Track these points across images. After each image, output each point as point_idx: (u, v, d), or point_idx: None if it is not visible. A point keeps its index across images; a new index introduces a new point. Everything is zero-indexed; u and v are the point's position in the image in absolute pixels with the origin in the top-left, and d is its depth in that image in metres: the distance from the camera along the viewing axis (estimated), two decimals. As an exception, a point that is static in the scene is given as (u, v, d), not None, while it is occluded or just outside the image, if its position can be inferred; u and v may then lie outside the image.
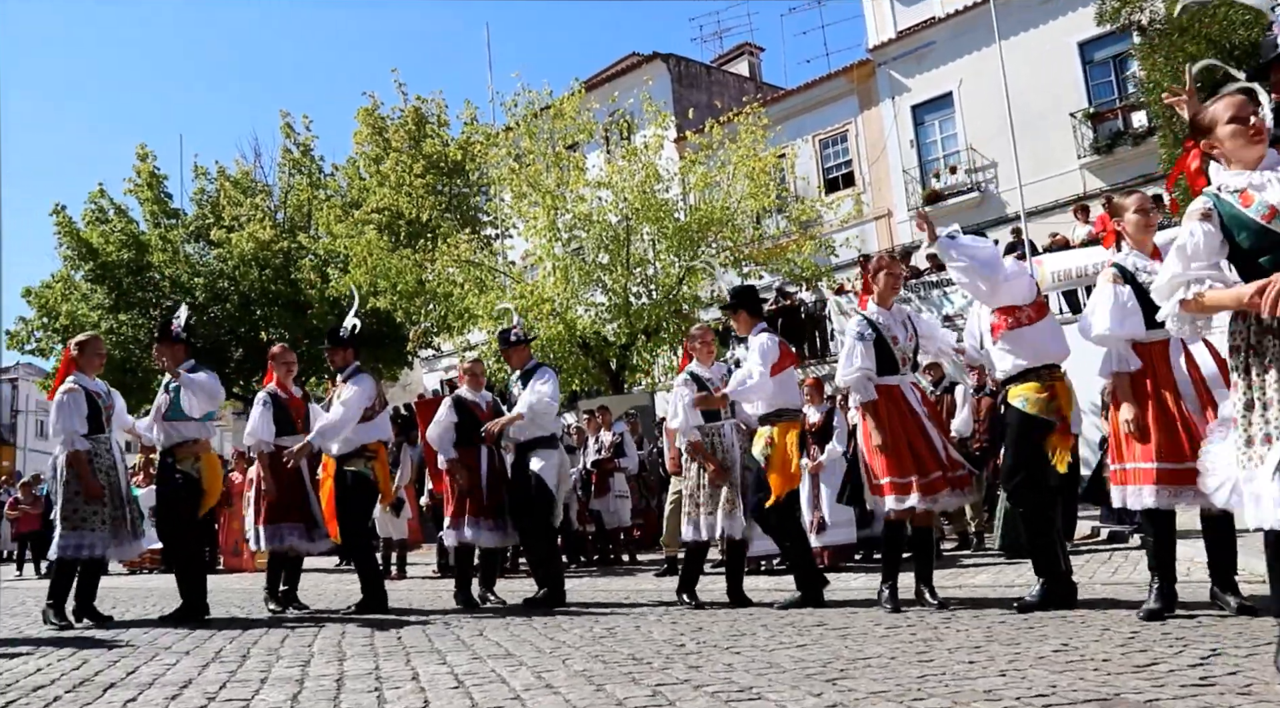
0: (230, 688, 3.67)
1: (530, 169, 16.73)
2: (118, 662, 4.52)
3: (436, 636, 5.15)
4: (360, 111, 22.90)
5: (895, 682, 3.21)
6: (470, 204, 22.69)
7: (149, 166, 24.87)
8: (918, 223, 5.90)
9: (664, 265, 16.49)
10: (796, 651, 4.07)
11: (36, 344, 24.01)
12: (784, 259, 17.16)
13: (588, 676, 3.62)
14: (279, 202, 25.08)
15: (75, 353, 6.70)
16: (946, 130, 23.14)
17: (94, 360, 6.71)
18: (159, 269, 23.48)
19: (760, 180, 16.47)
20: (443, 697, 3.30)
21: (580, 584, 9.22)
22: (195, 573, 6.70)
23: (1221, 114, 3.41)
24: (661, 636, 4.81)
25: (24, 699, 3.59)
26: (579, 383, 17.33)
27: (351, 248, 19.27)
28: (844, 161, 24.70)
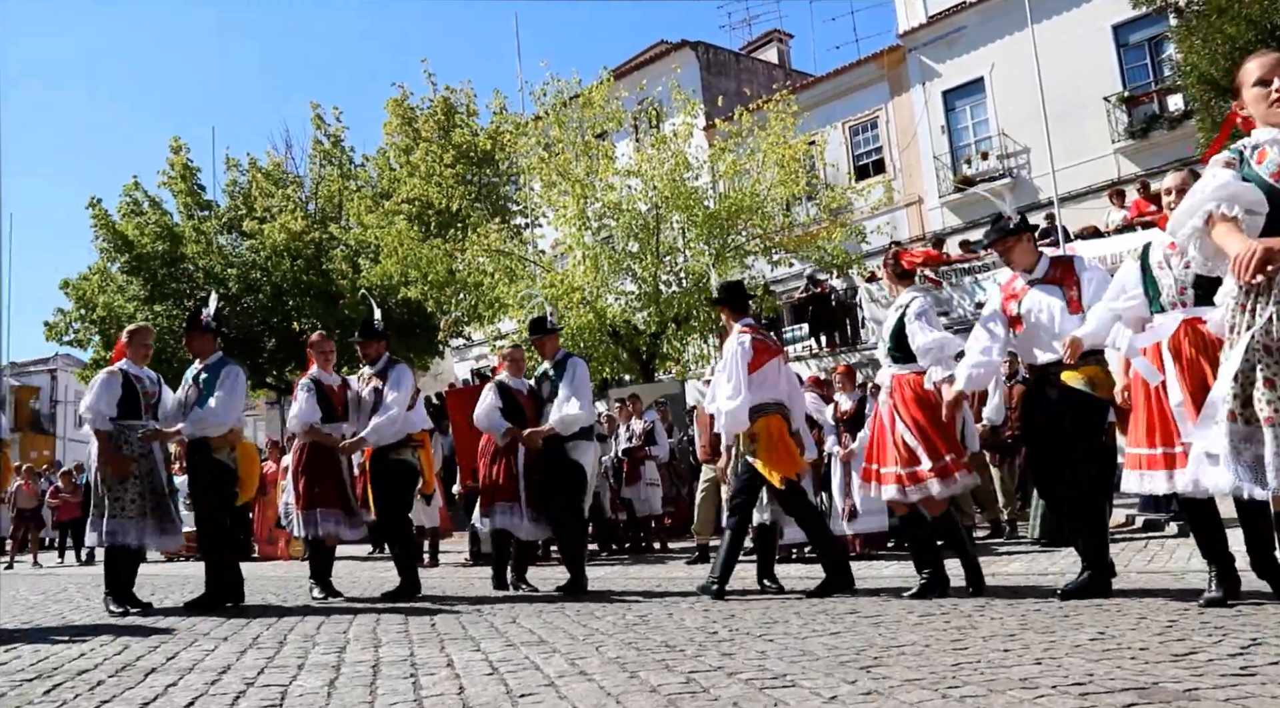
0: (268, 673, 3.71)
1: (559, 158, 16.74)
2: (158, 647, 4.58)
3: (470, 623, 5.18)
4: (390, 102, 22.99)
5: (929, 670, 3.20)
6: (500, 193, 22.74)
7: (182, 159, 25.10)
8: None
9: (694, 254, 16.46)
10: (830, 638, 4.06)
11: (74, 335, 24.32)
12: (814, 247, 17.09)
13: (621, 663, 3.63)
14: (310, 193, 25.24)
15: (125, 340, 6.83)
16: (978, 116, 22.93)
17: (140, 349, 6.77)
18: (193, 260, 23.70)
19: (790, 168, 16.39)
20: (477, 683, 3.32)
21: (612, 572, 9.25)
22: (225, 561, 6.76)
23: (1249, 75, 3.39)
24: (694, 623, 4.82)
25: (69, 683, 3.65)
26: (609, 371, 17.35)
27: (382, 238, 19.36)
28: (874, 148, 24.54)
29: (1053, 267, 5.38)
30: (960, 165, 22.90)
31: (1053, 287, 5.26)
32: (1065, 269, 5.33)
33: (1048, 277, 5.32)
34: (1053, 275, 5.31)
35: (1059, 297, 5.20)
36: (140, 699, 3.26)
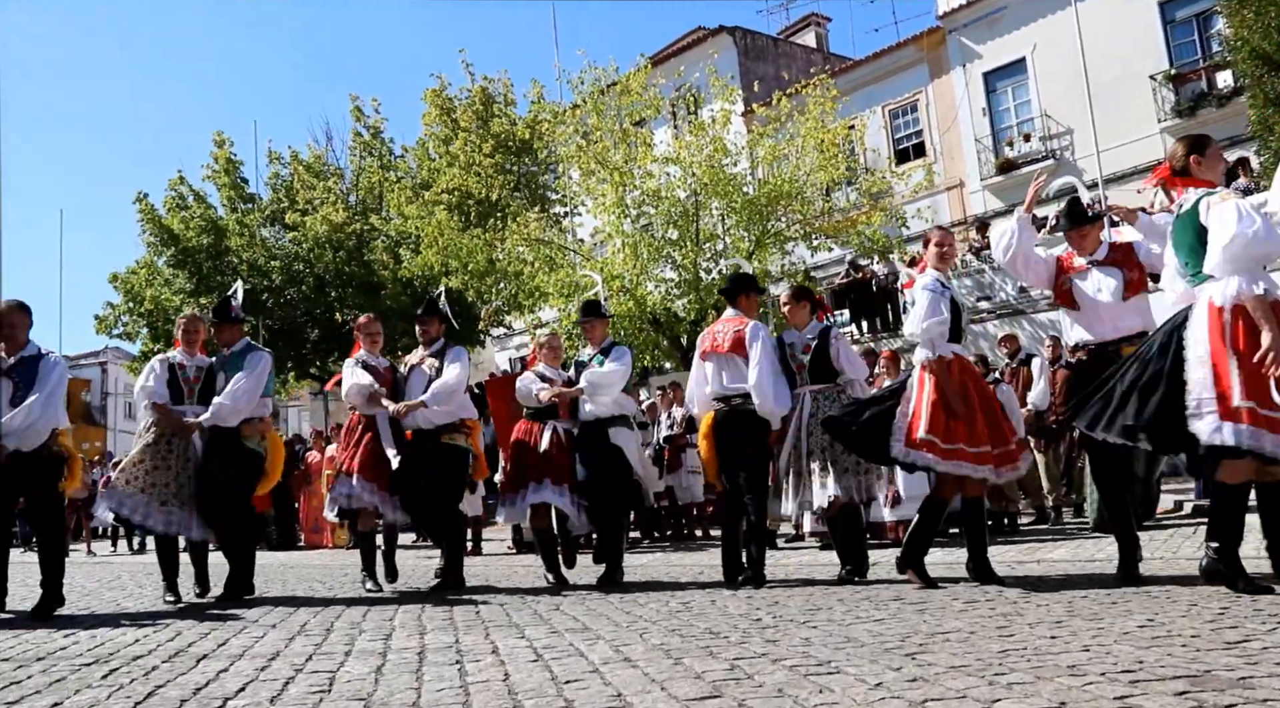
0: (316, 660, 3.76)
1: (598, 146, 16.74)
2: (208, 634, 4.67)
3: (514, 610, 5.22)
4: (428, 93, 23.08)
5: (975, 656, 3.18)
6: (539, 182, 22.78)
7: (225, 153, 25.38)
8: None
9: (734, 240, 16.41)
10: (874, 625, 4.05)
11: (123, 328, 24.69)
12: (855, 232, 16.98)
13: (665, 649, 3.64)
14: (351, 184, 25.43)
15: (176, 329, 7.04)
16: (1020, 97, 22.60)
17: (187, 337, 6.89)
18: (237, 253, 23.98)
19: (830, 152, 16.29)
20: (522, 670, 3.35)
21: (654, 560, 9.28)
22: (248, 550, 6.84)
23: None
24: (737, 610, 4.82)
25: (125, 668, 3.72)
26: (650, 359, 17.36)
27: (423, 229, 19.46)
28: (914, 131, 24.29)
29: (1113, 250, 5.45)
30: (1002, 148, 22.60)
31: (1113, 269, 5.32)
32: (1126, 251, 5.40)
33: (1108, 259, 5.39)
34: (1113, 257, 5.38)
35: (1118, 278, 5.26)
36: (193, 685, 3.32)
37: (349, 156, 26.09)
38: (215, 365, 6.83)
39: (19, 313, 6.18)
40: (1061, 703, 2.46)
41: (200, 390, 6.76)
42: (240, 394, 6.53)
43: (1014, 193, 21.85)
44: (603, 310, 7.51)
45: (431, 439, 6.86)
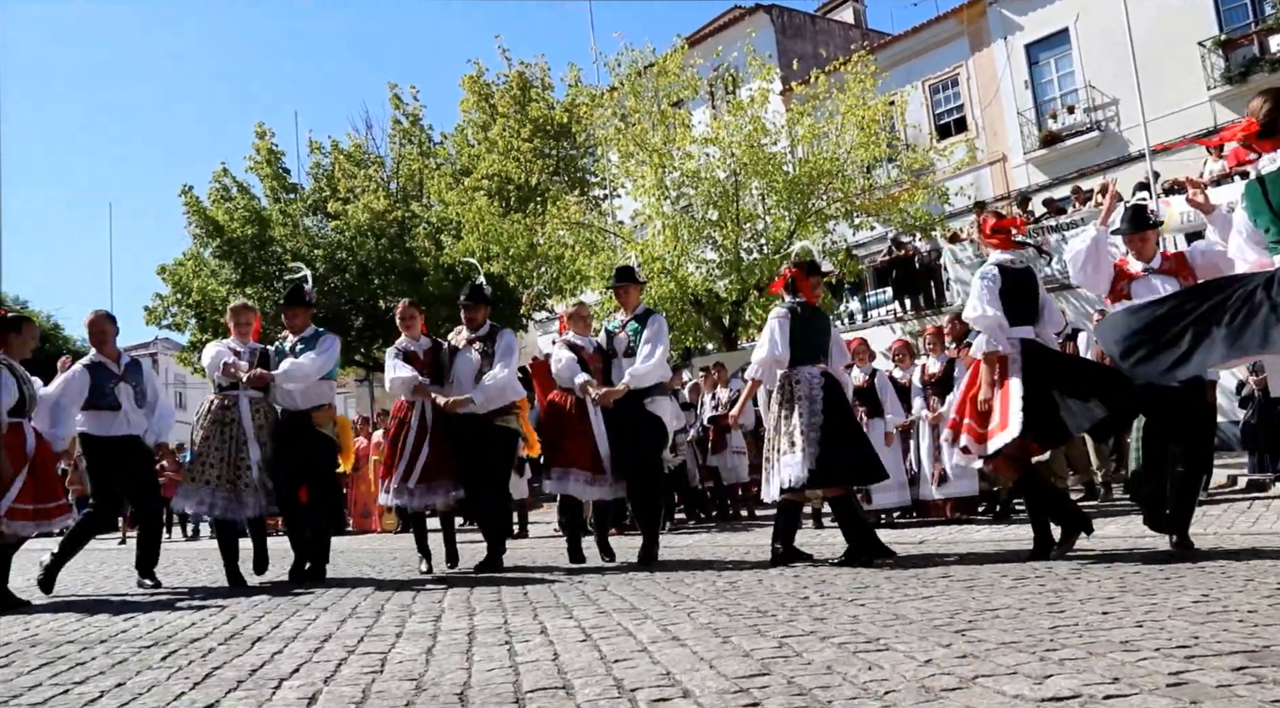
0: (368, 642, 3.81)
1: (636, 128, 16.69)
2: (262, 617, 4.75)
3: (561, 591, 5.25)
4: (465, 79, 23.13)
5: (1026, 633, 3.16)
6: (578, 166, 22.78)
7: (267, 144, 25.62)
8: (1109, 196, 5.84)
9: (774, 220, 16.32)
10: (922, 602, 4.04)
11: (172, 319, 25.06)
12: (896, 209, 16.82)
13: (713, 628, 3.65)
14: (391, 172, 25.57)
15: (228, 318, 7.15)
16: (1063, 68, 22.21)
17: (240, 327, 7.02)
18: (280, 243, 24.22)
19: (870, 129, 16.13)
20: (571, 649, 3.37)
21: (699, 540, 9.29)
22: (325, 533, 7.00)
23: None
24: (784, 589, 4.82)
25: (183, 650, 3.80)
26: (692, 340, 17.34)
27: (464, 215, 19.53)
28: (955, 106, 23.98)
29: (1165, 259, 5.58)
30: (1045, 120, 22.25)
31: (1170, 277, 5.41)
32: (1179, 261, 5.55)
33: (1164, 267, 5.50)
34: (1168, 266, 5.50)
35: (1175, 286, 5.27)
36: (249, 666, 3.38)
37: (389, 144, 26.24)
38: (280, 351, 6.90)
39: (109, 322, 6.80)
40: (1115, 679, 2.44)
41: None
42: (309, 365, 6.68)
43: (1058, 166, 21.53)
44: (636, 275, 7.42)
45: (483, 421, 6.86)
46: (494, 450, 6.92)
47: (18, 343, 6.28)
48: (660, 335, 6.91)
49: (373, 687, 2.92)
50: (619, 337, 7.03)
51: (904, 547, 6.42)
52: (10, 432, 6.02)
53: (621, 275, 7.35)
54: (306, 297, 7.06)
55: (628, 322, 7.03)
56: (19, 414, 6.12)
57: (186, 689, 3.02)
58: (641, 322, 6.98)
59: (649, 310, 7.28)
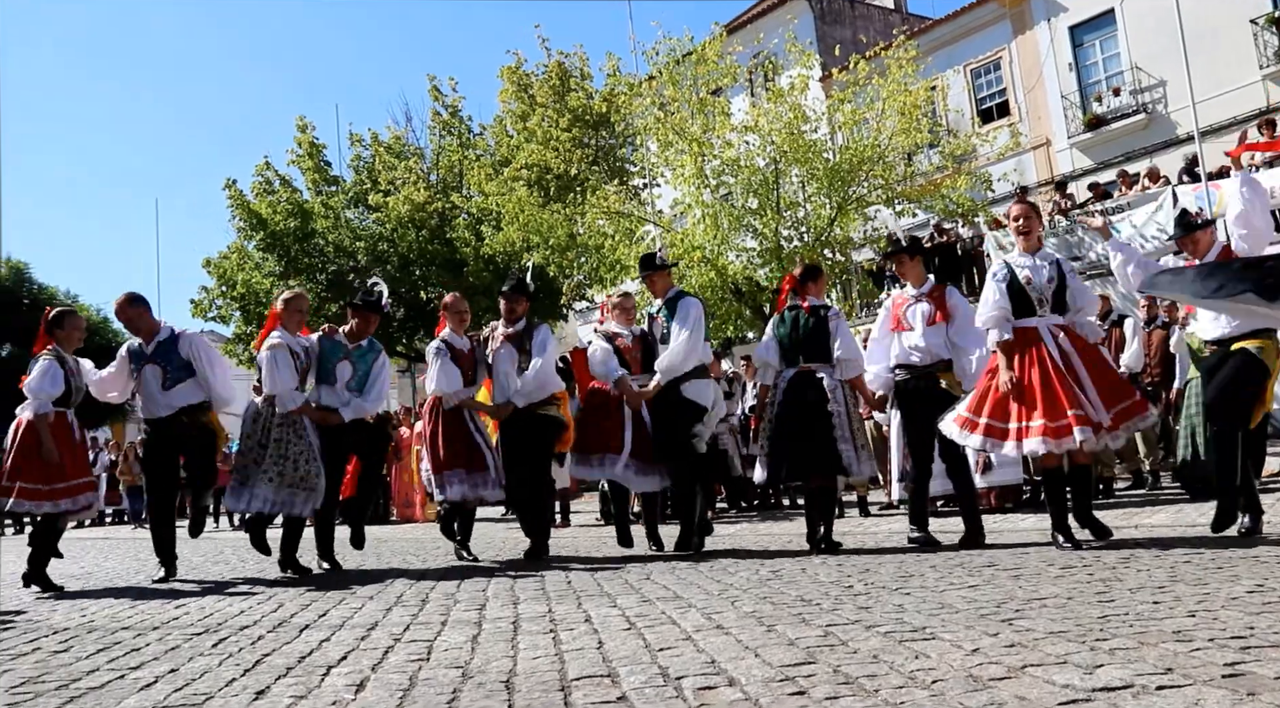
0: (414, 630, 3.84)
1: (675, 117, 16.64)
2: (309, 605, 4.80)
3: (605, 580, 5.27)
4: (504, 70, 23.18)
5: (1075, 622, 3.13)
6: (617, 156, 22.77)
7: (308, 137, 25.85)
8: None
9: (815, 207, 16.21)
10: (968, 591, 4.00)
11: (218, 312, 25.37)
12: (938, 195, 16.65)
13: (757, 616, 3.64)
14: (431, 163, 25.70)
15: (279, 308, 6.91)
16: (1108, 50, 21.88)
17: (295, 317, 6.93)
18: (323, 235, 24.44)
19: (911, 115, 15.96)
20: (615, 638, 3.38)
21: (742, 529, 9.28)
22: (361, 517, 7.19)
23: None
24: (828, 577, 4.81)
25: (233, 638, 3.86)
26: (733, 329, 17.28)
27: (503, 206, 19.57)
28: (998, 90, 23.70)
29: (1224, 252, 5.72)
30: (1090, 104, 21.92)
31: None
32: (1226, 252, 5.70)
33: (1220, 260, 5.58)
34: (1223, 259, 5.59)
35: None
36: (297, 653, 3.42)
37: (428, 136, 26.38)
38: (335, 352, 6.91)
39: (131, 305, 6.65)
40: (1168, 669, 2.40)
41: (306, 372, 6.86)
42: (370, 405, 6.90)
43: (1103, 150, 21.22)
44: (659, 261, 7.29)
45: (525, 410, 6.89)
46: (536, 440, 6.92)
47: (64, 336, 6.51)
48: (688, 319, 6.77)
49: (419, 674, 2.95)
50: (657, 322, 7.00)
51: (948, 536, 6.36)
52: (57, 420, 6.35)
53: (644, 264, 7.29)
54: (385, 307, 7.22)
55: (661, 307, 6.99)
56: (64, 404, 6.33)
57: (237, 676, 3.06)
58: (671, 306, 6.91)
59: (680, 294, 7.18)
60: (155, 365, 6.59)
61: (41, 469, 6.29)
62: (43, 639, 4.11)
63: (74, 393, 6.49)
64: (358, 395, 6.86)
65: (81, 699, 2.85)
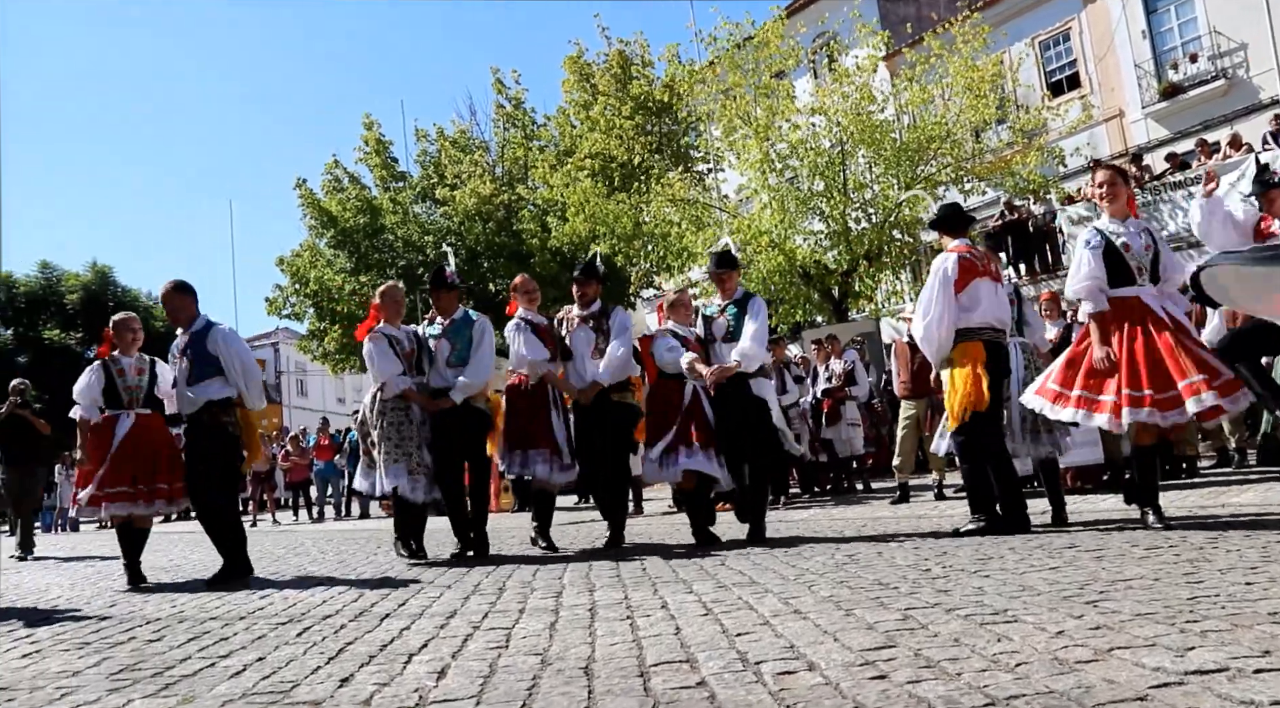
0: (492, 618, 3.88)
1: (739, 102, 16.54)
2: (388, 595, 4.88)
3: (679, 566, 5.27)
4: (567, 60, 23.25)
5: (1163, 604, 3.05)
6: (680, 143, 22.71)
7: (375, 134, 26.21)
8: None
9: (883, 188, 16.02)
10: (1049, 573, 3.93)
11: (291, 309, 25.88)
12: (1008, 172, 16.35)
13: (835, 601, 3.62)
14: (496, 156, 25.89)
15: (377, 301, 7.04)
16: (1184, 15, 21.21)
17: (392, 306, 6.98)
18: (391, 230, 24.78)
19: (979, 91, 15.68)
20: (693, 624, 3.38)
21: (815, 514, 9.22)
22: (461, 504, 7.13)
23: None
24: (905, 561, 4.75)
25: (317, 627, 3.93)
26: (801, 314, 17.16)
27: (568, 197, 19.63)
28: (1068, 62, 23.14)
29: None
30: (1165, 72, 21.29)
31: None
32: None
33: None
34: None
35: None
36: (379, 641, 3.48)
37: (493, 129, 26.56)
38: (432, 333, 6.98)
39: (176, 293, 6.59)
40: (1265, 652, 2.33)
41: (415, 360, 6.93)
42: (481, 371, 6.82)
43: (1180, 119, 20.63)
44: (736, 261, 7.26)
45: (602, 398, 6.88)
46: (613, 427, 6.91)
47: (119, 341, 6.71)
48: (759, 315, 6.81)
49: (499, 662, 2.98)
50: (718, 321, 6.92)
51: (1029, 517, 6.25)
52: (104, 421, 6.51)
53: (723, 262, 7.21)
54: (449, 279, 7.06)
55: (726, 306, 6.94)
56: (116, 406, 6.54)
57: (322, 664, 3.12)
58: (741, 305, 6.88)
59: (748, 294, 7.16)
60: (184, 358, 6.46)
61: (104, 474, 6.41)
62: (137, 629, 4.24)
63: (123, 394, 6.58)
64: (462, 371, 6.83)
65: (176, 687, 2.93)
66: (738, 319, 6.83)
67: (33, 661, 3.60)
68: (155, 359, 6.91)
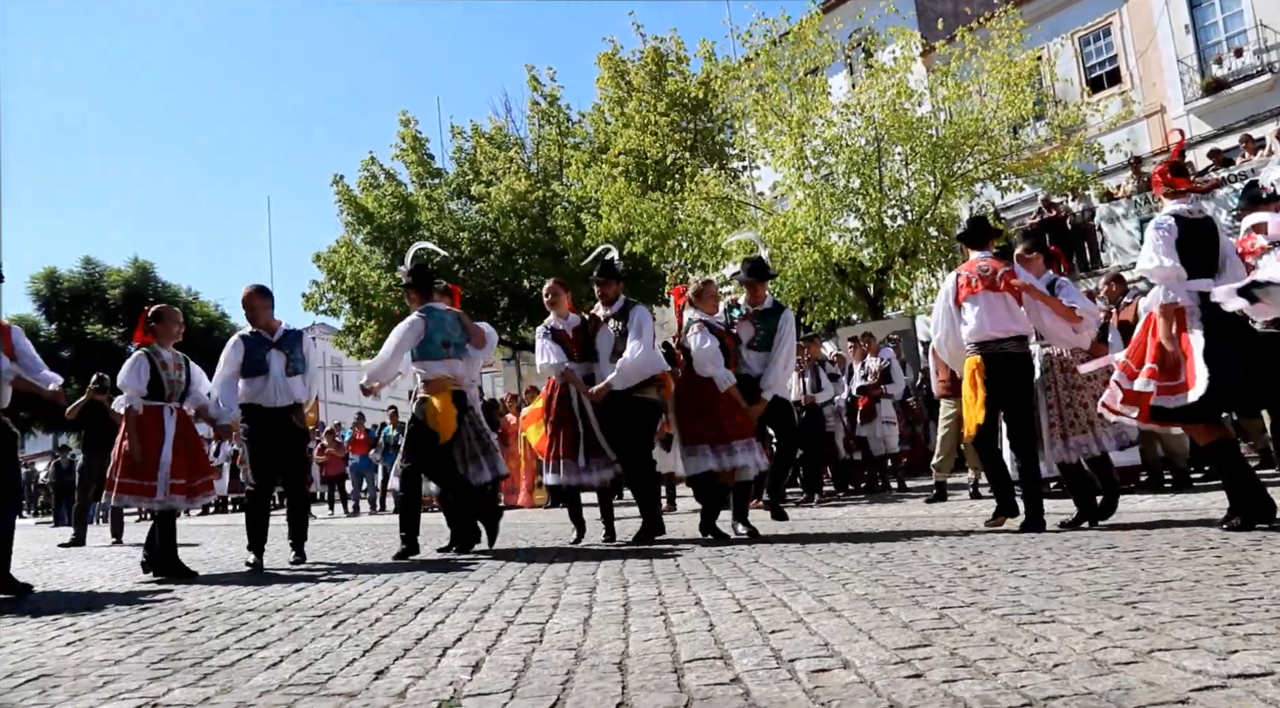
0: (526, 613, 3.89)
1: (774, 98, 16.47)
2: (423, 589, 4.91)
3: (713, 563, 5.26)
4: (601, 57, 23.25)
5: (1204, 606, 3.01)
6: (715, 139, 22.65)
7: (411, 132, 26.35)
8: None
9: (919, 185, 15.89)
10: (1087, 574, 3.89)
11: (328, 305, 26.07)
12: (1046, 169, 16.16)
13: (869, 599, 3.60)
14: (531, 153, 25.94)
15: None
16: (1229, 8, 20.84)
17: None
18: (427, 227, 24.88)
19: (1017, 87, 15.52)
20: (726, 620, 3.37)
21: (849, 512, 9.17)
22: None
23: None
24: (940, 560, 4.72)
25: (352, 619, 3.97)
26: (836, 311, 17.07)
27: (603, 195, 19.60)
28: (1108, 58, 22.81)
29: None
30: (1209, 67, 20.96)
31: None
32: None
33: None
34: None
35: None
36: (414, 635, 3.50)
37: (528, 126, 26.62)
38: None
39: (259, 296, 7.11)
40: (1307, 653, 2.30)
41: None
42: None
43: (1223, 114, 20.32)
44: (768, 272, 7.48)
45: (622, 394, 6.92)
46: (632, 424, 6.96)
47: (164, 331, 6.76)
48: (787, 334, 7.18)
49: (533, 656, 2.99)
50: (745, 326, 7.20)
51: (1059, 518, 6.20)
52: (147, 413, 6.55)
53: (758, 272, 7.34)
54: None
55: (755, 313, 7.15)
56: (158, 398, 6.59)
57: (358, 656, 3.15)
58: (770, 318, 7.15)
59: (779, 305, 7.39)
60: (280, 353, 6.96)
61: (134, 466, 6.48)
62: (176, 620, 4.29)
63: (166, 387, 6.66)
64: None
65: (214, 677, 2.97)
66: (767, 330, 6.96)
67: (76, 649, 3.66)
68: (189, 358, 6.99)
